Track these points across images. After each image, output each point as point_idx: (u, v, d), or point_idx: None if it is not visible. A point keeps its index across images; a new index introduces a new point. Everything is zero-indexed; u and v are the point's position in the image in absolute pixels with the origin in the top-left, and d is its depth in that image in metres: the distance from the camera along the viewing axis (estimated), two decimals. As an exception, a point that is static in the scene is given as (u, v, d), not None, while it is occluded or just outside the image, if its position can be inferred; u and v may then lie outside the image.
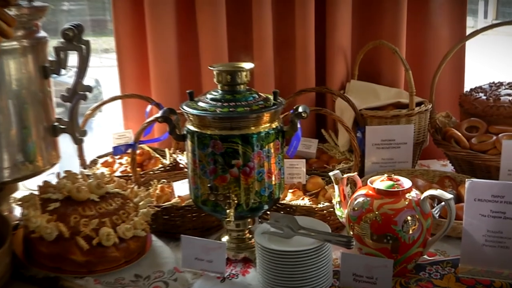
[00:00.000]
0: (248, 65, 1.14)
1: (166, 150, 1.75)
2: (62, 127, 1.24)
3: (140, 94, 1.73)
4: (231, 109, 1.08)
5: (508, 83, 1.71)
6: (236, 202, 1.11)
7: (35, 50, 1.17)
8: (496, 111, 1.58)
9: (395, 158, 1.59)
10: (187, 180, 1.21)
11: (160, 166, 1.63)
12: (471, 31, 1.61)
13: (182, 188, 1.39)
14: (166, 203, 1.32)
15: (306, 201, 1.35)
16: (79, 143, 1.30)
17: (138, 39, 1.75)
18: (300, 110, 1.11)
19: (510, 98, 1.59)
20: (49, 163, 1.25)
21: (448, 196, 1.07)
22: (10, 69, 1.13)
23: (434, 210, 1.16)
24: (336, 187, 1.19)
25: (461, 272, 1.13)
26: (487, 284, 1.09)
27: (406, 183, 1.12)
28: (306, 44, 1.75)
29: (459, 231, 1.16)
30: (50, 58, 1.21)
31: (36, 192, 1.19)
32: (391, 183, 1.11)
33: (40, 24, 1.21)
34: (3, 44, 1.08)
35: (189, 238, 1.15)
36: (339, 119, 1.44)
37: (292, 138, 1.22)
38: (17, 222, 1.21)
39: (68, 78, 1.44)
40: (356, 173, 1.26)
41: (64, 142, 1.31)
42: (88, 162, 1.68)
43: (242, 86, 1.13)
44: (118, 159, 1.69)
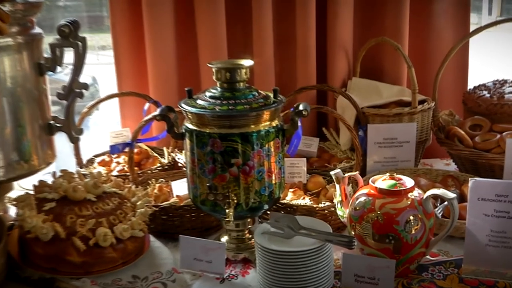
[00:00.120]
0: (247, 62, 1.14)
1: (164, 149, 1.75)
2: (58, 125, 1.24)
3: (137, 91, 1.73)
4: (230, 107, 1.08)
5: (512, 81, 1.71)
6: (235, 201, 1.11)
7: (30, 47, 1.16)
8: (500, 109, 1.58)
9: (397, 157, 1.59)
10: (185, 179, 1.21)
11: (158, 165, 1.63)
12: (475, 28, 1.61)
13: (180, 188, 1.39)
14: (164, 203, 1.32)
15: (307, 200, 1.35)
16: (75, 141, 1.30)
17: (135, 35, 1.75)
18: (300, 108, 1.11)
19: (515, 95, 1.59)
20: (44, 162, 1.25)
21: (451, 195, 1.07)
22: (4, 66, 1.13)
23: (437, 209, 1.16)
24: (337, 186, 1.19)
25: (464, 273, 1.13)
26: (491, 285, 1.09)
27: (409, 182, 1.12)
28: (307, 41, 1.75)
29: (462, 231, 1.16)
30: (46, 55, 1.21)
31: (32, 192, 1.19)
32: (393, 182, 1.11)
33: (35, 20, 1.21)
34: (-3, 40, 1.08)
35: (187, 238, 1.15)
36: (341, 117, 1.44)
37: (292, 137, 1.22)
38: (12, 223, 1.20)
39: (64, 75, 1.44)
40: (357, 172, 1.26)
41: (60, 140, 1.31)
42: (84, 161, 1.68)
43: (242, 84, 1.13)
44: (115, 158, 1.69)
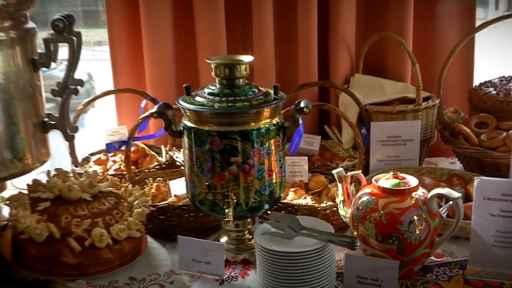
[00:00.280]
0: (247, 58, 1.14)
1: (162, 147, 1.75)
2: (53, 123, 1.24)
3: (134, 88, 1.73)
4: (229, 104, 1.08)
5: (519, 77, 1.71)
6: (235, 201, 1.11)
7: (23, 42, 1.16)
8: (507, 106, 1.58)
9: (401, 155, 1.59)
10: (183, 178, 1.21)
11: (156, 164, 1.64)
12: (481, 23, 1.61)
13: (178, 187, 1.39)
14: (162, 203, 1.32)
15: (308, 200, 1.35)
16: (70, 139, 1.30)
17: (132, 31, 1.74)
18: (302, 105, 1.11)
19: (522, 92, 1.59)
20: (38, 161, 1.24)
21: (456, 194, 1.07)
22: (-3, 62, 1.13)
23: (441, 209, 1.16)
24: (339, 185, 1.19)
25: (469, 274, 1.13)
26: (496, 286, 1.09)
27: (413, 181, 1.12)
28: (309, 36, 1.75)
29: (467, 231, 1.16)
30: (39, 51, 1.21)
31: (25, 191, 1.19)
32: (397, 181, 1.11)
33: (28, 14, 1.21)
34: (-11, 36, 1.08)
35: (186, 239, 1.15)
36: (343, 114, 1.44)
37: (293, 135, 1.22)
38: (5, 223, 1.20)
39: (59, 71, 1.43)
40: (360, 171, 1.26)
41: (55, 139, 1.31)
42: (80, 160, 1.68)
43: (241, 80, 1.13)
44: (111, 156, 1.69)
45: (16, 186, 1.46)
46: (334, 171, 1.19)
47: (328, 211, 1.29)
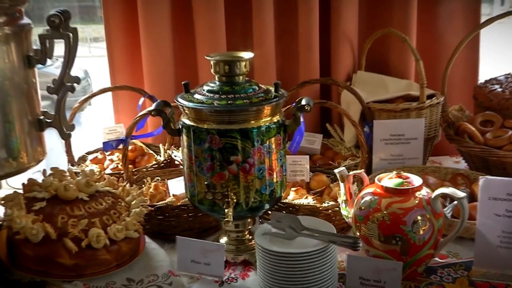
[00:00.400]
0: (247, 54, 1.14)
1: (160, 145, 1.75)
2: (48, 121, 1.24)
3: (132, 85, 1.73)
4: (229, 101, 1.08)
5: (525, 75, 1.71)
6: (235, 201, 1.11)
7: (18, 38, 1.16)
8: (513, 104, 1.58)
9: (404, 154, 1.59)
10: (182, 177, 1.21)
11: (154, 162, 1.64)
12: (486, 19, 1.61)
13: (177, 186, 1.39)
14: (161, 203, 1.32)
15: (309, 200, 1.35)
16: (66, 138, 1.30)
17: (129, 26, 1.74)
18: (303, 103, 1.11)
19: (528, 90, 1.59)
20: (34, 160, 1.24)
21: (461, 194, 1.07)
22: (-9, 58, 1.13)
23: (446, 209, 1.16)
24: (341, 185, 1.19)
25: (474, 276, 1.13)
26: (502, 288, 1.09)
27: (416, 180, 1.12)
28: (310, 32, 1.74)
29: (472, 232, 1.16)
30: (35, 47, 1.21)
31: (21, 191, 1.19)
32: (400, 180, 1.11)
33: (23, 10, 1.21)
34: (-16, 32, 1.08)
35: (185, 239, 1.15)
36: (345, 112, 1.44)
37: (294, 133, 1.22)
38: (0, 223, 1.20)
39: (55, 68, 1.44)
40: (363, 170, 1.26)
41: (51, 137, 1.31)
42: (76, 159, 1.68)
43: (241, 77, 1.13)
44: (108, 155, 1.70)
45: (11, 185, 1.46)
46: (336, 170, 1.19)
47: (330, 211, 1.29)
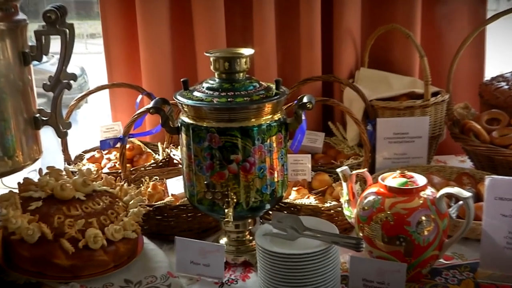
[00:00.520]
0: (248, 51, 1.14)
1: (159, 144, 1.75)
2: (44, 119, 1.24)
3: (129, 83, 1.73)
4: (229, 99, 1.08)
5: (532, 71, 1.71)
6: (235, 200, 1.11)
7: (13, 34, 1.16)
8: (520, 101, 1.58)
9: (408, 153, 1.59)
10: (181, 177, 1.21)
11: (152, 161, 1.64)
12: (492, 14, 1.61)
13: (176, 186, 1.39)
14: (159, 202, 1.33)
15: (311, 200, 1.35)
16: (63, 136, 1.30)
17: (127, 22, 1.74)
18: (305, 100, 1.11)
19: (535, 87, 1.59)
20: (30, 159, 1.24)
21: (467, 194, 1.07)
22: (-14, 55, 1.13)
23: (451, 209, 1.16)
24: (344, 184, 1.19)
25: (480, 277, 1.13)
26: (508, 290, 1.09)
27: (421, 180, 1.12)
28: (312, 28, 1.74)
29: (478, 233, 1.16)
30: (31, 43, 1.21)
31: (16, 190, 1.19)
32: (404, 180, 1.11)
33: (18, 5, 1.21)
34: (-22, 28, 1.08)
35: (184, 240, 1.15)
36: (348, 110, 1.44)
37: (296, 131, 1.22)
38: (-5, 223, 1.21)
39: (51, 65, 1.43)
40: (366, 169, 1.26)
41: (47, 135, 1.31)
42: (73, 158, 1.68)
43: (242, 74, 1.13)
44: (106, 154, 1.70)
45: (7, 185, 1.46)
46: (339, 170, 1.19)
47: (332, 211, 1.29)
